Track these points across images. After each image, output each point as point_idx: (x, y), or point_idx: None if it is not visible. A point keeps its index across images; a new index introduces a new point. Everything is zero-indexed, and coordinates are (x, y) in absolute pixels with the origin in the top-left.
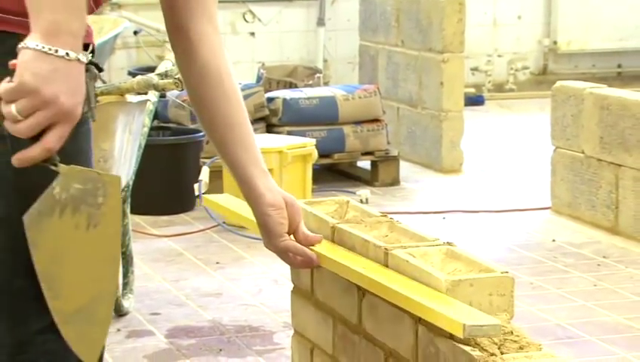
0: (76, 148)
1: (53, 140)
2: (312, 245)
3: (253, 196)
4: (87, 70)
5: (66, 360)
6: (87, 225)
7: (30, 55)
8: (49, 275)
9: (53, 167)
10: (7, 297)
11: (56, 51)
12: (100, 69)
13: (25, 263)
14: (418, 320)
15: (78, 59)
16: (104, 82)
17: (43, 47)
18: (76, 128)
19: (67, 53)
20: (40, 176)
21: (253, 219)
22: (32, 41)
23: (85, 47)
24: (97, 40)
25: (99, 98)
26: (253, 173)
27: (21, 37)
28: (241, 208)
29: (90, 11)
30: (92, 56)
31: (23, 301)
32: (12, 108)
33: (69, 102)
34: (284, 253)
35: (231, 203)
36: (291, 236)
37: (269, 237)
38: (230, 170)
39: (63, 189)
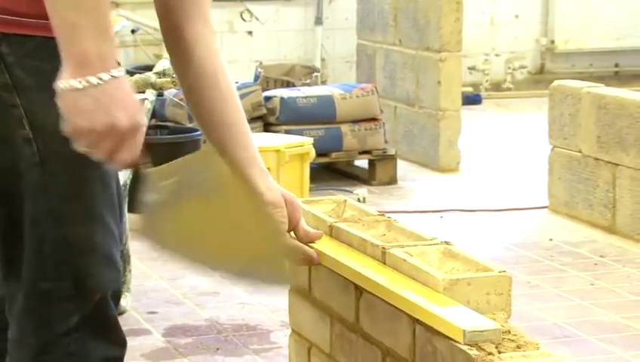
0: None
1: (125, 156)
2: (313, 241)
3: (253, 196)
4: None
5: (89, 359)
6: (204, 202)
7: (69, 97)
8: (195, 260)
9: (142, 172)
10: (33, 299)
11: (89, 81)
12: None
13: (50, 265)
14: (416, 319)
15: (112, 76)
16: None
17: (77, 85)
18: None
19: (100, 78)
20: (68, 175)
21: None
22: (64, 81)
23: None
24: None
25: None
26: (252, 172)
27: (39, 39)
28: None
29: None
30: None
31: (49, 303)
32: (82, 148)
33: (124, 120)
34: (285, 252)
35: None
36: (292, 233)
37: None
38: (232, 171)
39: (158, 191)
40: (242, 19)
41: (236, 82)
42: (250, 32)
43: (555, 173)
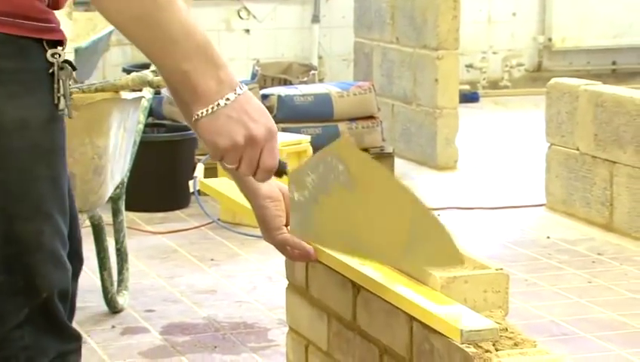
0: (54, 145)
1: (269, 162)
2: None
3: (249, 189)
4: (61, 68)
5: (45, 352)
6: (347, 192)
7: (204, 124)
8: (352, 252)
9: (285, 176)
10: None
11: (219, 105)
12: (74, 67)
13: (1, 260)
14: (413, 317)
15: (236, 92)
16: (76, 81)
17: (209, 111)
18: (51, 125)
19: (227, 98)
20: (19, 173)
21: (247, 205)
22: (199, 111)
23: (58, 43)
24: (92, 37)
25: (94, 95)
26: None
27: (21, 40)
28: (235, 194)
29: (55, 7)
30: (62, 50)
31: (1, 297)
32: (230, 166)
33: (260, 129)
34: (282, 246)
35: (226, 188)
36: (289, 228)
37: (267, 230)
38: (225, 170)
39: (301, 188)
40: (239, 17)
41: None
42: (247, 30)
43: (552, 171)
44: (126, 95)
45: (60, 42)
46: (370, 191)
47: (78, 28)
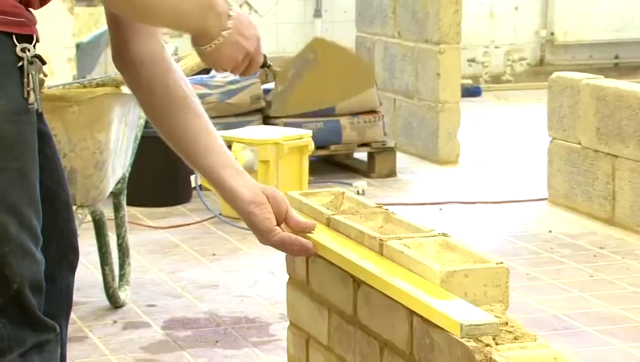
0: (21, 138)
1: (258, 60)
2: (306, 231)
3: (231, 197)
4: (31, 63)
5: (22, 342)
6: (312, 71)
7: (210, 56)
8: (314, 106)
9: (269, 68)
10: None
11: (219, 40)
12: (43, 62)
13: None
14: (413, 311)
15: (231, 17)
16: (45, 75)
17: (212, 46)
18: (19, 116)
19: (227, 28)
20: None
21: None
22: (200, 47)
23: (29, 38)
24: (94, 32)
25: (93, 89)
26: (226, 175)
27: None
28: None
29: (28, 5)
30: (33, 45)
31: None
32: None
33: (252, 45)
34: (280, 245)
35: None
36: (283, 225)
37: (261, 234)
38: (205, 178)
39: (284, 81)
40: None
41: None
42: None
43: (554, 165)
44: (127, 90)
45: (31, 37)
46: (326, 62)
47: (79, 23)
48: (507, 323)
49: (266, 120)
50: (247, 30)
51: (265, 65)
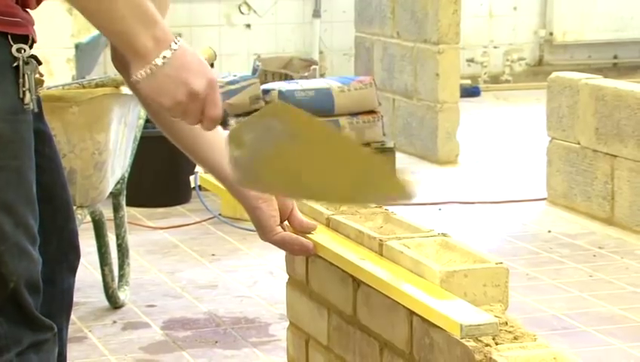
0: (17, 137)
1: (214, 112)
2: (308, 232)
3: (239, 192)
4: (27, 63)
5: (19, 342)
6: (288, 144)
7: (145, 85)
8: (302, 196)
9: (228, 127)
10: None
11: (156, 64)
12: (39, 62)
13: None
14: (413, 311)
15: (173, 50)
16: (41, 75)
17: (147, 71)
18: (15, 115)
19: (164, 57)
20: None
21: None
22: (137, 74)
23: (25, 38)
24: (93, 32)
25: (94, 89)
26: None
27: None
28: None
29: (24, 5)
30: (29, 45)
31: None
32: (177, 118)
33: (200, 82)
34: (281, 244)
35: None
36: (286, 222)
37: (264, 231)
38: (212, 175)
39: (240, 146)
40: (240, 12)
41: (234, 75)
42: (248, 25)
43: (553, 165)
44: (127, 90)
45: (26, 37)
46: (311, 141)
47: (78, 23)
48: (507, 323)
49: None
50: (193, 65)
51: (224, 122)
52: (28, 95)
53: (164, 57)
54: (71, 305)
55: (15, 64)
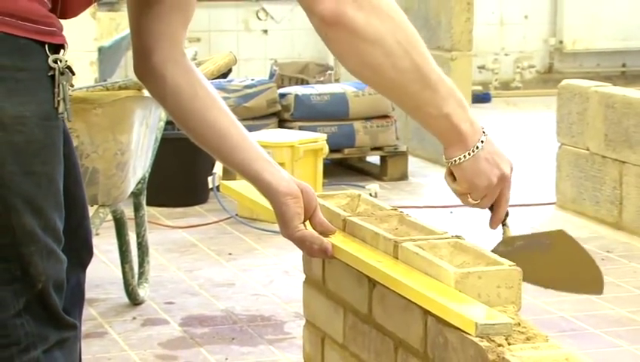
0: (49, 142)
1: (508, 196)
2: (327, 234)
3: (268, 189)
4: (62, 73)
5: (45, 339)
6: (541, 254)
7: (467, 166)
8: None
9: (505, 227)
10: None
11: (477, 147)
12: (73, 72)
13: None
14: (427, 311)
15: (485, 133)
16: (72, 86)
17: (470, 154)
18: (48, 122)
19: (482, 141)
20: (15, 166)
21: (266, 205)
22: (458, 156)
23: (59, 48)
24: (115, 36)
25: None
26: (261, 167)
27: (20, 39)
28: (255, 194)
29: (62, 16)
30: (64, 54)
31: (0, 285)
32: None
33: (508, 168)
34: (300, 242)
35: (246, 189)
36: (307, 222)
37: (287, 227)
38: (239, 174)
39: (507, 245)
40: (258, 18)
41: (252, 79)
42: (265, 31)
43: (562, 170)
44: (148, 93)
45: (62, 46)
46: (560, 252)
47: (101, 27)
48: (520, 324)
49: (282, 123)
50: (499, 150)
51: (504, 221)
52: (62, 104)
53: (482, 141)
54: (83, 301)
55: (50, 73)
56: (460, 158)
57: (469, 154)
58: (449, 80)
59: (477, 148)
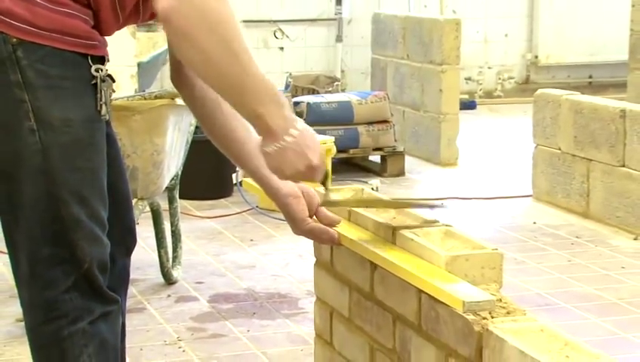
0: (93, 141)
1: (319, 177)
2: (333, 225)
3: (272, 192)
4: (103, 80)
5: (91, 312)
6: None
7: (275, 156)
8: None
9: (324, 185)
10: (37, 264)
11: (286, 140)
12: (113, 80)
13: (49, 235)
14: (421, 290)
15: (297, 127)
16: (114, 91)
17: (278, 146)
18: (92, 123)
19: (292, 135)
20: (62, 162)
21: None
22: (270, 146)
23: (102, 59)
24: (152, 53)
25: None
26: (269, 173)
27: (48, 48)
28: None
29: (136, 20)
30: (104, 65)
31: (51, 266)
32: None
33: (316, 158)
34: (310, 234)
35: None
36: (314, 217)
37: (294, 224)
38: (250, 177)
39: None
40: (275, 37)
41: None
42: (281, 48)
43: (538, 167)
44: (180, 101)
45: (103, 58)
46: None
47: (140, 45)
48: (501, 300)
49: None
50: (311, 142)
51: (324, 182)
52: (104, 108)
53: (292, 135)
54: (128, 281)
55: (93, 81)
56: (267, 149)
57: (276, 146)
58: (268, 80)
59: (285, 141)
